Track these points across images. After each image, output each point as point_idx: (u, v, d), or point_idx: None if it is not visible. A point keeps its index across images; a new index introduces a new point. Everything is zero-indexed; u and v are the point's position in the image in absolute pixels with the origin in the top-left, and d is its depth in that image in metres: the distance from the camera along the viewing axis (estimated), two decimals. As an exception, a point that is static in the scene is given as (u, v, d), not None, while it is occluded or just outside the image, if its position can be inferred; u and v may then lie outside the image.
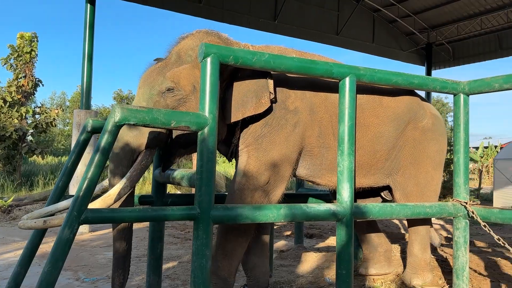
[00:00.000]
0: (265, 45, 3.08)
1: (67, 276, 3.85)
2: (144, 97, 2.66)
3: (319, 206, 2.78)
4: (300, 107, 2.91)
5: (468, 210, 3.18)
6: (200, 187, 2.37)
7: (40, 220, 2.30)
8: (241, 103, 2.73)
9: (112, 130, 2.15)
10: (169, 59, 2.78)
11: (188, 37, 2.87)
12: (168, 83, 2.64)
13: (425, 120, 3.39)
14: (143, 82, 2.72)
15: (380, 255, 3.77)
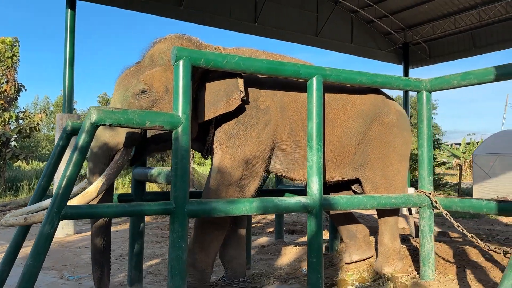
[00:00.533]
0: (237, 48, 3.24)
1: (52, 275, 3.95)
2: (119, 99, 2.79)
3: (289, 199, 2.96)
4: (271, 105, 3.08)
5: (431, 200, 3.38)
6: (175, 183, 2.52)
7: (21, 217, 2.42)
8: (212, 102, 2.88)
9: (89, 131, 2.29)
10: (142, 63, 2.92)
11: (161, 41, 3.01)
12: (142, 85, 2.77)
13: (390, 116, 3.58)
14: (118, 85, 2.86)
15: (360, 241, 3.95)
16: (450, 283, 3.40)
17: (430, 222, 3.47)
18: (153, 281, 3.72)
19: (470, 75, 3.15)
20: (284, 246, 5.07)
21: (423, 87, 3.49)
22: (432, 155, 3.55)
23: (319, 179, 2.96)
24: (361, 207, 3.24)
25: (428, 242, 3.47)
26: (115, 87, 2.87)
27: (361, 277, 3.57)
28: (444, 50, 10.81)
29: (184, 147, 2.55)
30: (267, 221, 7.71)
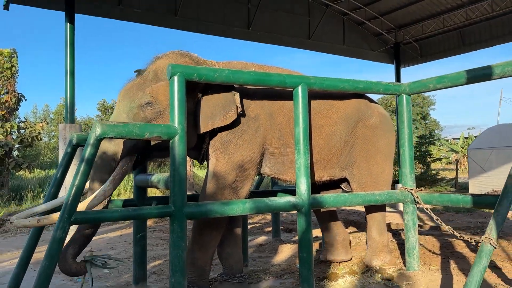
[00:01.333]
0: (228, 61, 3.49)
1: (61, 278, 4.18)
2: (125, 110, 3.02)
3: (280, 199, 3.20)
4: (260, 113, 3.33)
5: (413, 196, 3.62)
6: (173, 188, 2.76)
7: (34, 219, 2.64)
8: (210, 116, 3.14)
9: (94, 144, 2.54)
10: (147, 76, 3.14)
11: (163, 57, 3.25)
12: (147, 97, 3.01)
13: (373, 118, 3.83)
14: (123, 96, 3.08)
15: (338, 244, 4.18)
16: (434, 273, 3.64)
17: (413, 217, 3.71)
18: (157, 280, 3.97)
19: (444, 78, 3.39)
20: (281, 244, 5.31)
21: (402, 91, 3.73)
22: (413, 154, 3.79)
23: (307, 180, 3.20)
24: (347, 205, 3.49)
25: (412, 235, 3.71)
26: (120, 98, 3.08)
27: (351, 270, 3.81)
28: (434, 49, 11.05)
29: (181, 155, 2.79)
30: (266, 221, 7.95)
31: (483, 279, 2.52)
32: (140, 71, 3.32)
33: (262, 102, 3.38)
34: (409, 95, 3.76)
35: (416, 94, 3.73)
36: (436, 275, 3.59)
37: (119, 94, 3.14)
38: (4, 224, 8.03)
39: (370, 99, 4.02)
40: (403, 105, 3.76)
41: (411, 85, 3.70)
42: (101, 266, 2.85)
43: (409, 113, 3.77)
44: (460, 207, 8.93)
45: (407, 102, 3.76)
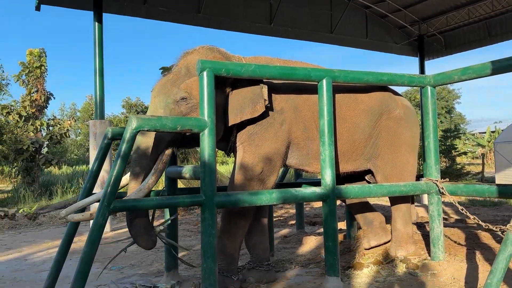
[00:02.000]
0: (254, 57, 3.59)
1: (96, 267, 4.38)
2: (161, 105, 3.15)
3: (305, 189, 3.30)
4: (286, 107, 3.43)
5: (438, 186, 3.66)
6: (204, 178, 2.89)
7: (87, 213, 2.81)
8: (239, 109, 3.25)
9: (130, 136, 2.68)
10: (179, 72, 3.26)
11: (193, 52, 3.36)
12: (182, 93, 3.15)
13: (397, 110, 3.87)
14: (158, 91, 3.21)
15: (377, 228, 4.24)
16: (459, 263, 3.67)
17: (438, 207, 3.75)
18: (187, 269, 4.12)
19: (469, 70, 3.41)
20: (305, 236, 5.41)
21: (427, 83, 3.76)
22: (438, 145, 3.82)
23: (332, 171, 3.29)
24: (371, 195, 3.55)
25: (437, 226, 3.75)
26: (155, 94, 3.21)
27: (376, 260, 3.88)
28: (459, 41, 10.87)
29: (210, 147, 2.92)
30: (289, 214, 8.05)
31: (508, 267, 2.56)
32: (166, 68, 3.46)
33: (288, 96, 3.47)
34: (434, 87, 3.79)
35: (441, 86, 3.77)
36: (461, 264, 3.62)
37: (154, 90, 3.26)
38: (37, 217, 8.37)
39: (394, 91, 4.06)
40: (427, 97, 3.79)
41: (436, 76, 3.73)
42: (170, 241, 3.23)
43: (434, 105, 3.80)
44: (486, 201, 8.94)
45: (432, 94, 3.79)
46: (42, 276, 4.12)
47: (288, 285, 3.43)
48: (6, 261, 4.91)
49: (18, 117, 14.19)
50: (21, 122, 14.21)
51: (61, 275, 3.42)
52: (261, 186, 3.34)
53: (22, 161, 13.83)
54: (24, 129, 14.24)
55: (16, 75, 14.65)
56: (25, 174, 14.15)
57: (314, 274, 3.72)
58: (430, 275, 3.46)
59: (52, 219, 8.33)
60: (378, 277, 3.48)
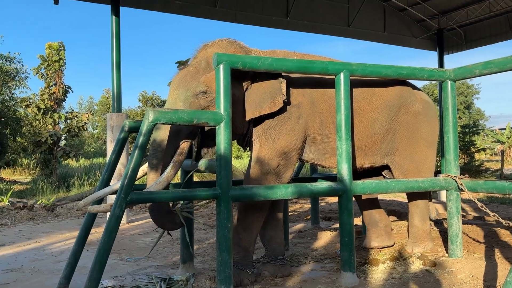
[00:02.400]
0: (272, 50, 3.57)
1: (112, 258, 4.45)
2: (181, 98, 3.15)
3: (322, 184, 3.27)
4: (302, 101, 3.40)
5: (457, 183, 3.60)
6: (220, 172, 2.89)
7: (108, 205, 2.83)
8: (258, 103, 3.24)
9: (147, 129, 2.69)
10: (198, 65, 3.24)
11: (213, 45, 3.34)
12: (202, 87, 3.14)
13: (416, 105, 3.80)
14: (177, 85, 3.19)
15: (381, 230, 4.19)
16: (478, 260, 3.61)
17: (457, 204, 3.69)
18: (202, 261, 4.15)
19: (491, 64, 3.33)
20: (320, 231, 5.38)
21: (447, 77, 3.69)
22: (457, 141, 3.75)
23: (348, 166, 3.25)
24: (389, 191, 3.51)
25: (456, 223, 3.68)
26: (174, 86, 3.20)
27: (392, 256, 3.83)
28: (480, 35, 10.63)
29: (226, 140, 2.91)
30: (303, 209, 8.02)
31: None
32: (182, 62, 3.44)
33: (304, 90, 3.44)
34: (454, 81, 3.71)
35: (461, 80, 3.68)
36: (480, 262, 3.55)
37: (173, 83, 3.25)
38: (55, 209, 8.51)
39: (413, 85, 3.99)
40: (447, 91, 3.72)
41: (456, 70, 3.65)
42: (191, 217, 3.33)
43: (454, 99, 3.72)
44: (505, 198, 8.78)
45: (452, 89, 3.71)
46: (60, 266, 4.18)
47: (303, 280, 3.42)
48: (25, 251, 5.01)
49: (37, 110, 14.43)
50: (39, 115, 14.45)
51: (78, 265, 3.47)
52: (277, 180, 3.32)
53: (41, 153, 14.08)
54: (42, 121, 14.47)
55: (35, 68, 14.87)
56: (43, 166, 14.41)
57: (329, 269, 3.70)
58: (448, 272, 3.40)
59: (70, 210, 8.46)
60: (394, 274, 3.44)
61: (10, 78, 19.31)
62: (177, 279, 3.38)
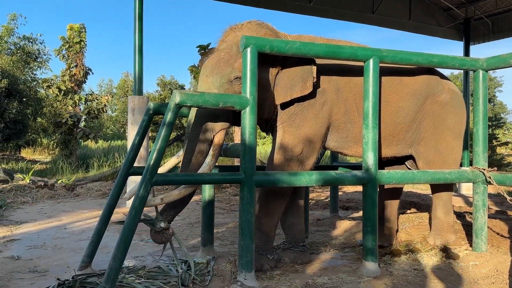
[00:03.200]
0: (298, 35, 3.50)
1: (134, 239, 4.46)
2: (215, 85, 3.10)
3: (346, 172, 3.23)
4: (327, 88, 3.34)
5: (485, 175, 3.51)
6: (244, 156, 2.87)
7: (158, 198, 2.82)
8: (289, 87, 3.20)
9: (174, 110, 2.68)
10: (230, 50, 3.18)
11: (242, 28, 3.28)
12: (237, 73, 3.09)
13: (443, 95, 3.70)
14: (211, 71, 3.13)
15: (385, 229, 4.00)
16: (503, 255, 3.53)
17: (483, 197, 3.60)
18: (221, 245, 4.16)
19: (528, 53, 3.21)
20: (338, 220, 5.34)
21: (479, 66, 3.57)
22: (487, 133, 3.65)
23: (374, 155, 3.20)
24: (415, 182, 3.44)
25: (481, 216, 3.60)
26: (207, 73, 3.14)
27: (414, 248, 3.78)
28: (508, 25, 10.31)
29: (251, 125, 2.88)
30: (321, 198, 7.98)
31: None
32: (202, 46, 3.38)
33: (330, 77, 3.38)
34: (486, 71, 3.59)
35: (493, 70, 3.56)
36: (505, 257, 3.48)
37: (205, 70, 3.18)
38: (75, 188, 8.65)
39: (441, 74, 3.88)
40: (479, 81, 3.60)
41: (489, 60, 3.53)
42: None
43: (485, 90, 3.61)
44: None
45: (484, 79, 3.60)
46: (81, 244, 4.25)
47: (323, 268, 3.40)
48: (47, 229, 5.10)
49: (57, 91, 14.59)
50: (60, 96, 14.61)
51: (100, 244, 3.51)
52: (300, 167, 3.29)
53: (61, 134, 14.28)
54: (63, 103, 14.64)
55: (57, 49, 15.00)
56: (63, 146, 14.63)
57: (350, 259, 3.67)
58: (472, 266, 3.34)
59: (89, 190, 8.58)
60: (416, 265, 3.39)
61: (32, 59, 19.60)
62: (198, 261, 3.39)
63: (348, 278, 3.08)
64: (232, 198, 7.71)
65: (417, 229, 4.43)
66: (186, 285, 2.96)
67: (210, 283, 3.02)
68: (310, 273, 3.26)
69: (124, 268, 3.19)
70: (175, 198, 2.88)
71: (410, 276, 3.15)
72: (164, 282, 2.99)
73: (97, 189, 8.69)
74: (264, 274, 3.16)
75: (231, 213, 6.20)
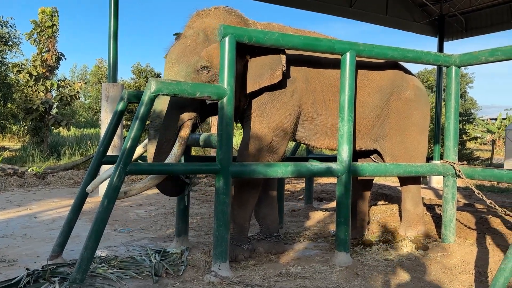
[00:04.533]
0: (268, 23, 3.47)
1: (106, 228, 4.41)
2: (181, 74, 3.02)
3: (321, 164, 3.26)
4: (297, 77, 3.34)
5: (455, 169, 3.61)
6: (220, 147, 2.86)
7: (121, 192, 2.74)
8: (258, 75, 3.17)
9: (149, 99, 2.63)
10: (197, 38, 3.09)
11: (210, 15, 3.19)
12: (203, 62, 3.02)
13: (407, 91, 3.77)
14: (176, 60, 3.05)
15: (356, 221, 4.10)
16: (470, 246, 3.66)
17: (453, 190, 3.71)
18: (196, 235, 4.15)
19: (498, 51, 3.30)
20: (313, 211, 5.41)
21: (452, 62, 3.65)
22: (458, 128, 3.75)
23: (349, 148, 3.24)
24: (387, 174, 3.51)
25: (450, 208, 3.71)
26: (173, 61, 3.06)
27: (385, 239, 3.87)
28: (481, 23, 10.55)
29: (229, 115, 2.86)
30: (296, 189, 8.05)
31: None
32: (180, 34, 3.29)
33: (299, 67, 3.37)
34: (459, 67, 3.68)
35: (466, 66, 3.65)
36: (471, 248, 3.60)
37: (170, 57, 3.10)
38: (46, 177, 8.44)
39: (405, 69, 3.95)
40: (451, 77, 3.69)
41: (462, 57, 3.62)
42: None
43: (457, 86, 3.70)
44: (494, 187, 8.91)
45: (456, 75, 3.69)
46: (52, 234, 4.16)
47: (297, 258, 3.44)
48: (16, 218, 4.97)
49: (28, 76, 14.12)
50: (31, 81, 14.16)
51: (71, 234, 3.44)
52: (271, 155, 3.29)
53: (31, 120, 13.86)
54: (34, 88, 14.19)
55: (28, 33, 14.49)
56: (34, 133, 14.20)
57: (323, 249, 3.73)
58: (440, 256, 3.45)
59: (61, 179, 8.39)
60: (387, 256, 3.47)
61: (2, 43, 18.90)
62: (172, 251, 3.37)
63: (321, 267, 3.14)
64: (208, 189, 7.68)
65: (388, 221, 4.53)
66: (160, 275, 2.94)
67: (184, 273, 3.01)
68: (283, 263, 3.29)
69: (96, 258, 3.15)
70: (139, 191, 2.84)
71: (381, 266, 3.22)
72: (137, 272, 2.97)
73: (69, 177, 8.51)
74: (239, 264, 3.17)
75: (207, 203, 6.18)
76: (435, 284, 2.91)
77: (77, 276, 2.52)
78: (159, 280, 2.87)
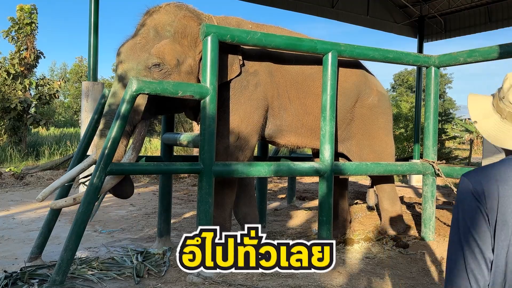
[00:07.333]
0: (224, 16, 3.40)
1: (86, 229, 4.35)
2: (132, 72, 2.90)
3: (304, 163, 3.28)
4: (259, 69, 3.29)
5: (434, 168, 3.67)
6: (203, 146, 2.85)
7: (70, 198, 2.69)
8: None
9: (130, 98, 2.61)
10: (147, 35, 2.99)
11: (160, 11, 3.10)
12: (154, 59, 2.90)
13: (370, 97, 3.81)
14: (126, 57, 2.93)
15: (338, 223, 4.13)
16: (448, 244, 3.72)
17: (432, 189, 3.78)
18: (178, 236, 4.11)
19: (476, 52, 3.37)
20: (295, 210, 5.43)
21: (432, 63, 3.72)
22: (437, 127, 3.82)
23: (331, 147, 3.26)
24: (368, 173, 3.56)
25: (430, 207, 3.78)
26: (123, 59, 2.95)
27: (366, 237, 3.91)
28: (459, 24, 10.78)
29: (212, 114, 2.85)
30: (278, 188, 8.08)
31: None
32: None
33: (261, 60, 3.32)
34: (438, 68, 3.75)
35: (445, 67, 3.72)
36: (450, 246, 3.67)
37: (120, 55, 2.99)
38: (25, 177, 8.27)
39: (368, 73, 3.97)
40: (431, 77, 3.75)
41: (441, 57, 3.69)
42: None
43: (437, 86, 3.77)
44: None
45: (435, 75, 3.75)
46: (30, 235, 4.08)
47: (280, 257, 3.45)
48: (-7, 219, 4.86)
49: (6, 74, 13.79)
50: (9, 80, 13.83)
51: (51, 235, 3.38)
52: (240, 153, 3.22)
53: (9, 120, 13.55)
54: (12, 87, 13.87)
55: (5, 30, 14.16)
56: (11, 133, 13.88)
57: (305, 248, 3.74)
58: (420, 254, 3.50)
59: (40, 179, 8.24)
60: (369, 253, 3.51)
61: (-22, 40, 18.40)
62: (154, 252, 3.35)
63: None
64: (190, 189, 7.65)
65: (369, 219, 4.58)
66: (141, 276, 2.92)
67: (166, 273, 2.99)
68: (266, 263, 3.29)
69: (76, 259, 3.10)
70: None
71: (362, 264, 3.26)
72: (118, 273, 2.94)
73: (48, 178, 8.36)
74: (221, 264, 3.16)
75: (189, 203, 6.16)
76: (415, 281, 2.96)
77: (57, 278, 2.48)
78: (140, 281, 2.84)
